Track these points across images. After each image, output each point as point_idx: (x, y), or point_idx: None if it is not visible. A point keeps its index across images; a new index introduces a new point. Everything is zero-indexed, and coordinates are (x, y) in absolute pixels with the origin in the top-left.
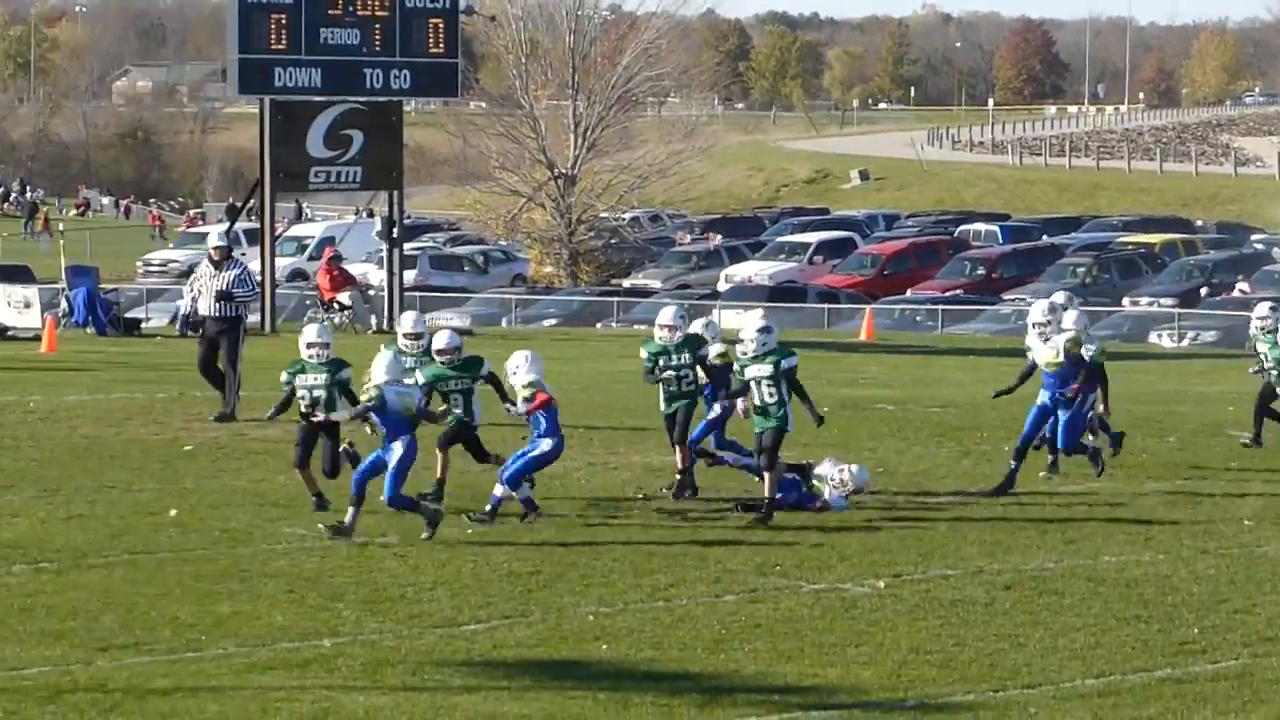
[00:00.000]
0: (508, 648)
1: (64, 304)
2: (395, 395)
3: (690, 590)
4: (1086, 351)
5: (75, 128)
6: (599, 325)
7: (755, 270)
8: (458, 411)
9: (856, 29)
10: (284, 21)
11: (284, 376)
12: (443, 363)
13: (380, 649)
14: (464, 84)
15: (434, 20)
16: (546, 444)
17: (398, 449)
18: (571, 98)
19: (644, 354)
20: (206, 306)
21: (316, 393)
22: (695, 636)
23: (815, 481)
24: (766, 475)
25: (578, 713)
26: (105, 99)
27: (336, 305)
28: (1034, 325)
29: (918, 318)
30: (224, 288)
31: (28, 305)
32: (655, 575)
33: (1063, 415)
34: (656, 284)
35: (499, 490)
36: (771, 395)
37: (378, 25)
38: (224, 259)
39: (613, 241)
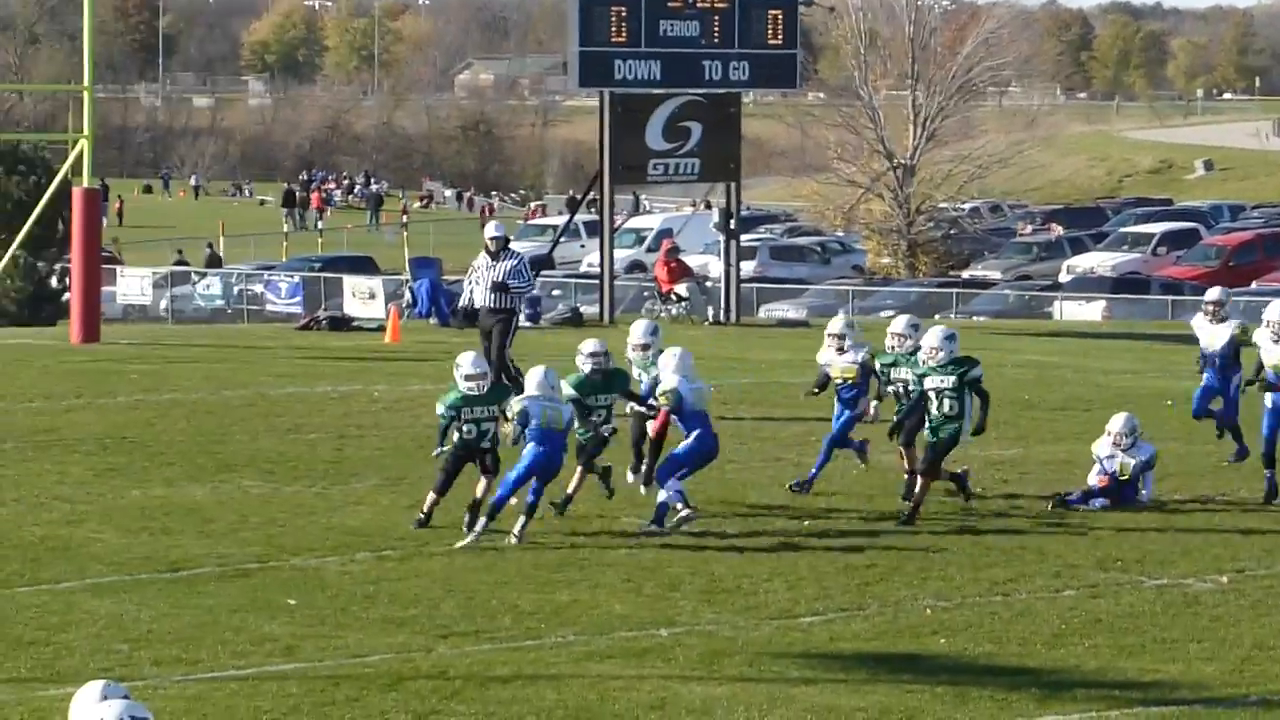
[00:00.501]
0: (844, 640)
1: (407, 295)
2: (540, 409)
3: (1029, 585)
4: None
5: (418, 120)
6: (937, 317)
7: (1097, 261)
8: (604, 427)
9: (1200, 18)
10: (624, 14)
11: (442, 410)
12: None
13: (717, 639)
14: (803, 75)
15: (773, 11)
16: (695, 441)
17: (529, 454)
18: (911, 87)
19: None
20: (482, 297)
21: (485, 426)
22: (1034, 631)
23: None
24: (922, 479)
25: (915, 706)
26: (448, 92)
27: (674, 296)
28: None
29: (1265, 310)
30: (500, 279)
31: (372, 296)
32: (993, 569)
33: None
34: (996, 275)
35: (663, 494)
36: (952, 408)
37: (717, 17)
38: (500, 250)
39: (952, 232)
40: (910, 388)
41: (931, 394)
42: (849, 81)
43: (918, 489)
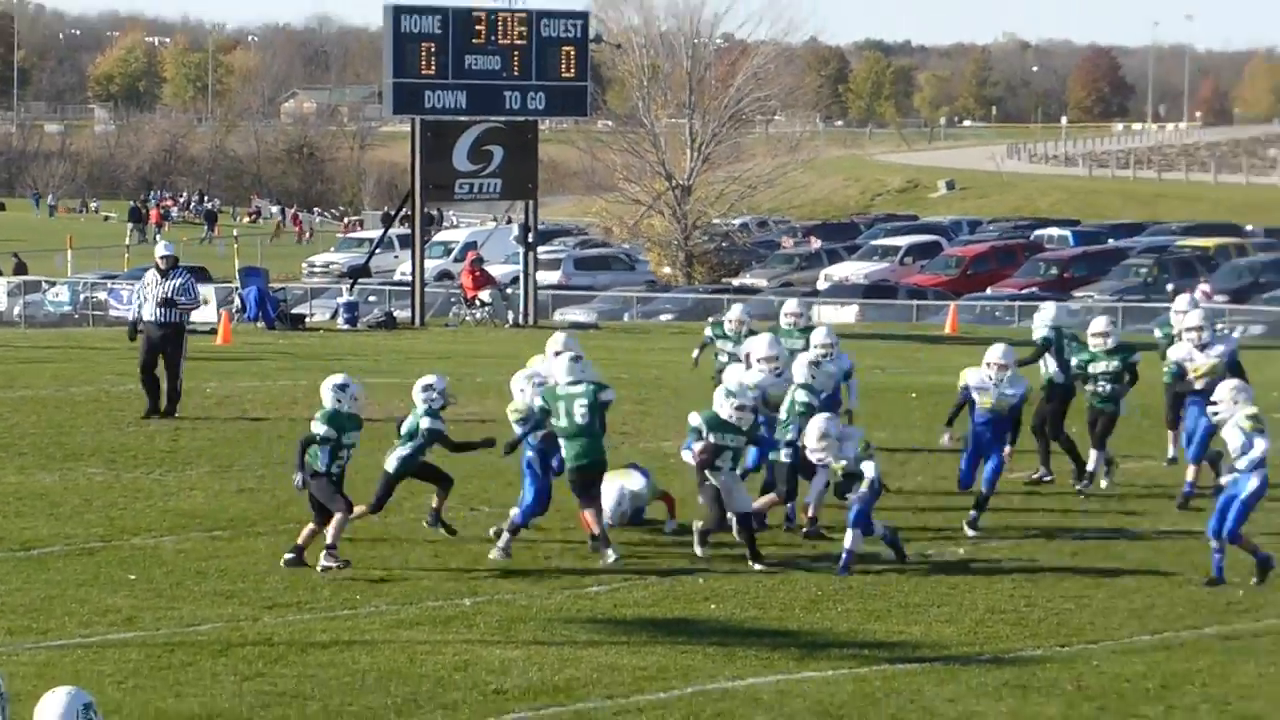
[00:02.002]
0: (627, 607)
1: (237, 301)
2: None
3: (788, 555)
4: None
5: (248, 144)
6: (710, 320)
7: (851, 270)
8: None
9: (944, 55)
10: (433, 49)
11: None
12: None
13: (514, 607)
14: (592, 105)
15: (566, 48)
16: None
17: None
18: (688, 116)
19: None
20: (150, 312)
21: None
22: (794, 597)
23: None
24: (1096, 453)
25: (689, 665)
26: (274, 118)
27: (479, 302)
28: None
29: (997, 313)
30: (168, 295)
31: (205, 302)
32: (763, 546)
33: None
34: (763, 283)
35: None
36: (1110, 389)
37: (516, 52)
38: (170, 268)
39: (724, 245)
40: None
41: (1096, 376)
42: (633, 110)
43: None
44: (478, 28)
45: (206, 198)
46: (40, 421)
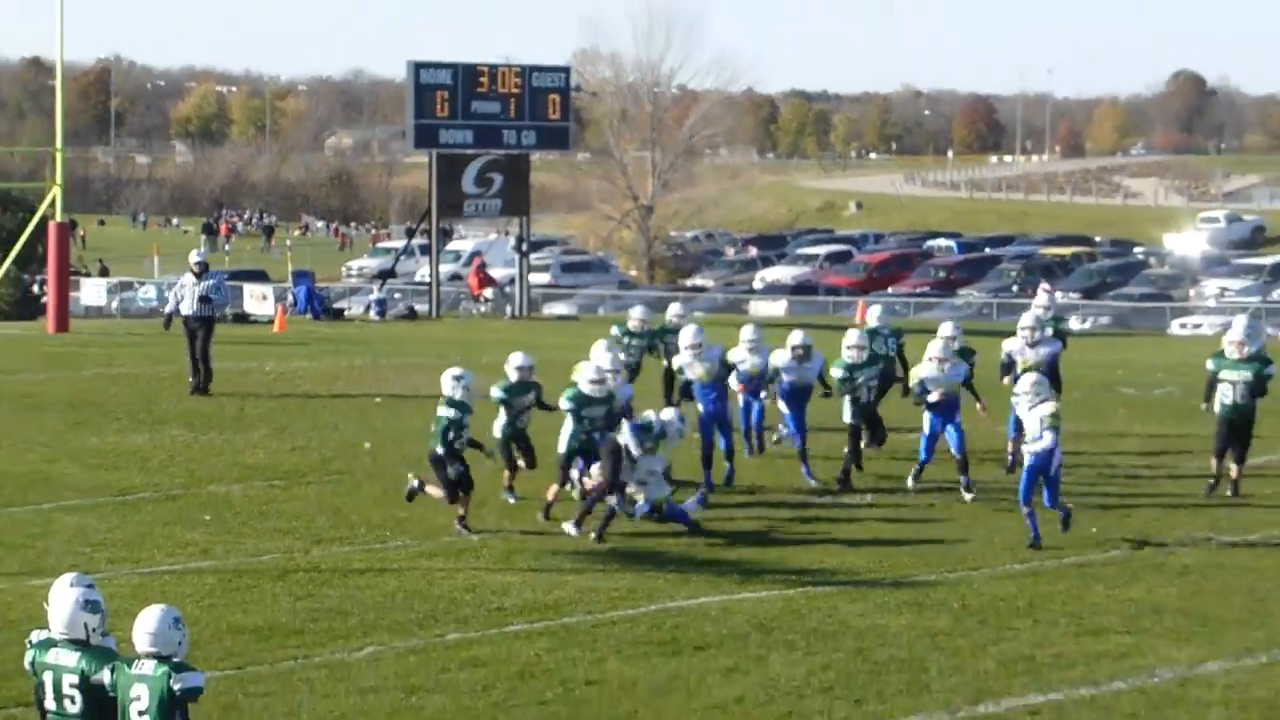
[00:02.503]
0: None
1: (290, 297)
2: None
3: (732, 499)
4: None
5: (298, 172)
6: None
7: (780, 273)
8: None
9: (854, 100)
10: (446, 96)
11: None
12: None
13: (512, 542)
14: (573, 140)
15: (552, 95)
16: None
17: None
18: (650, 150)
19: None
20: (189, 307)
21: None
22: (738, 535)
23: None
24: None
25: (652, 587)
26: (319, 151)
27: (483, 299)
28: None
29: (897, 307)
30: (204, 293)
31: (264, 298)
32: (717, 493)
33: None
34: (710, 283)
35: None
36: (1244, 397)
37: (513, 99)
38: (203, 272)
39: (679, 253)
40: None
41: (1227, 385)
42: (606, 145)
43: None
44: (482, 79)
45: (265, 215)
46: (133, 393)
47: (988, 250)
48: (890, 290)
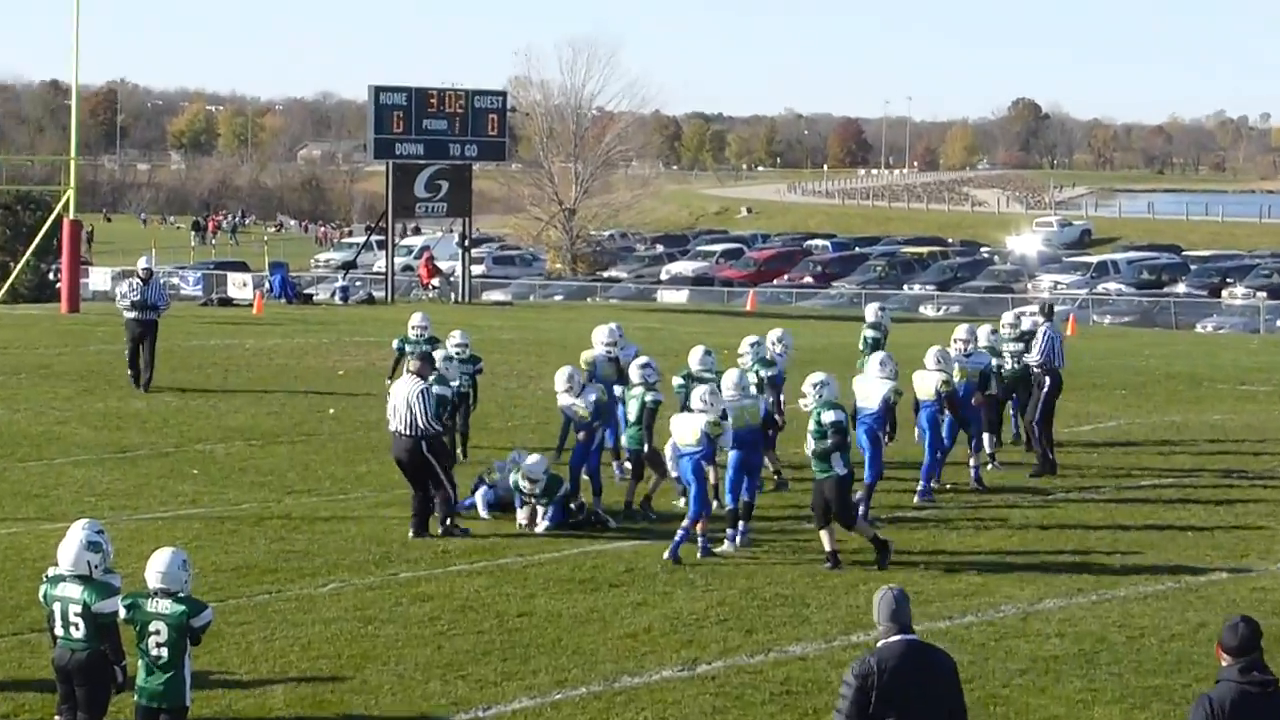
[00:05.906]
0: None
1: (267, 284)
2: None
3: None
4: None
5: (275, 178)
6: (588, 300)
7: (682, 267)
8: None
9: (745, 122)
10: (401, 115)
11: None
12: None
13: (463, 491)
14: (509, 153)
15: (491, 114)
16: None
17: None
18: (574, 161)
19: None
20: (133, 313)
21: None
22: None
23: None
24: None
25: (576, 535)
26: (293, 161)
27: (431, 286)
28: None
29: (782, 296)
30: (149, 300)
31: (245, 285)
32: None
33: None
34: (624, 275)
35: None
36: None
37: (457, 118)
38: (149, 278)
39: (597, 249)
40: None
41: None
42: (537, 157)
43: None
44: (432, 101)
45: (246, 215)
46: None
47: (857, 249)
48: (775, 282)
